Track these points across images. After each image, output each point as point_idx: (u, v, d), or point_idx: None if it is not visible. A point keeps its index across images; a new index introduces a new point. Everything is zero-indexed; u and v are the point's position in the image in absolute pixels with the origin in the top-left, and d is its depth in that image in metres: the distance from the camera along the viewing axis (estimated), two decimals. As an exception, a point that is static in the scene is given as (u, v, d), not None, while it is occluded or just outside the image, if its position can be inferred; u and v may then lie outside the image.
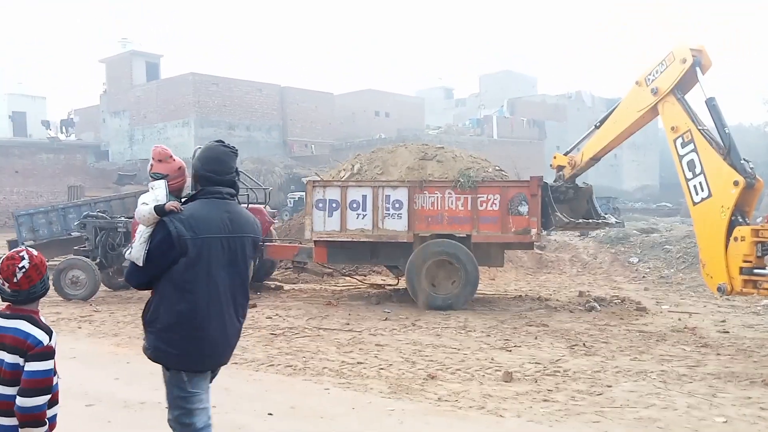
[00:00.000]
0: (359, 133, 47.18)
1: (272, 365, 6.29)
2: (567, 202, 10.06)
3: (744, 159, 7.13)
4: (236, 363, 6.39)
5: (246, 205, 11.17)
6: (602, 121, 9.05)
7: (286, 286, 12.06)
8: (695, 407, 4.98)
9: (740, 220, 6.79)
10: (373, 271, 13.76)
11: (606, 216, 10.82)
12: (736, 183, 6.81)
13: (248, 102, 42.14)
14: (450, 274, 9.71)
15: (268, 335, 7.66)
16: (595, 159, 9.27)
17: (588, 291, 11.53)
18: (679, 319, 8.92)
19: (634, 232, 21.23)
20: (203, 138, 39.17)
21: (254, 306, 9.63)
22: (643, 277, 14.43)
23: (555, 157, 9.91)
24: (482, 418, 4.72)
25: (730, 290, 6.65)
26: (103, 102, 45.79)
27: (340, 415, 4.74)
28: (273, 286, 11.90)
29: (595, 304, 9.79)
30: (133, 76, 44.11)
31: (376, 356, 6.65)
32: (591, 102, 53.39)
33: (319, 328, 8.07)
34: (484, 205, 9.57)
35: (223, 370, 6.10)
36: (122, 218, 11.41)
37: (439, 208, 9.68)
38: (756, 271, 6.39)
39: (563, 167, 9.71)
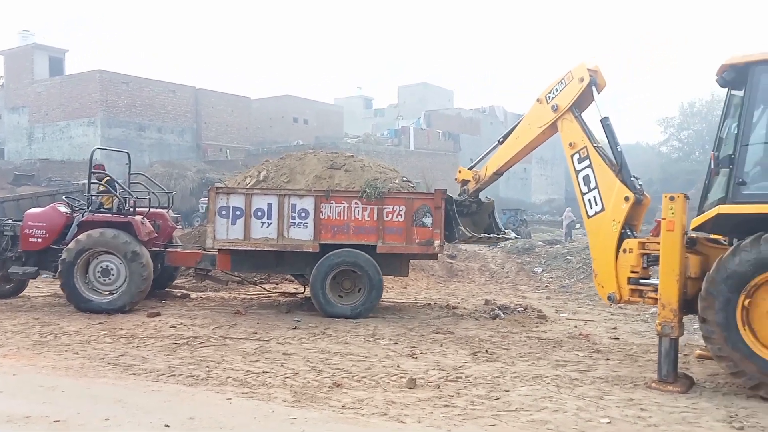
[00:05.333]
0: (276, 139, 46.66)
1: (173, 375, 6.09)
2: (470, 216, 10.36)
3: (634, 176, 7.62)
4: (134, 374, 6.16)
5: (147, 210, 10.81)
6: (505, 137, 9.29)
7: (193, 295, 11.70)
8: (584, 409, 5.28)
9: (629, 233, 7.23)
10: (286, 280, 13.60)
11: (506, 231, 11.28)
12: (626, 198, 7.23)
13: (160, 103, 40.71)
14: (355, 283, 9.80)
15: (171, 345, 7.41)
16: (498, 174, 9.53)
17: (494, 299, 11.93)
18: (575, 327, 9.42)
19: (539, 243, 22.29)
20: (111, 139, 37.47)
21: (157, 314, 9.31)
22: (546, 286, 15.10)
23: (460, 171, 10.15)
24: (384, 424, 4.79)
25: (619, 299, 7.05)
26: (0, 97, 42.75)
27: (241, 425, 4.66)
28: (179, 294, 11.52)
29: (500, 312, 10.17)
30: (34, 70, 41.56)
31: (282, 365, 6.59)
32: (503, 117, 55.54)
33: (226, 338, 7.90)
34: (390, 216, 9.70)
35: (118, 381, 5.90)
36: (9, 221, 10.67)
37: (346, 218, 9.71)
38: (642, 281, 6.81)
39: (468, 181, 9.95)
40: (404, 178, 14.34)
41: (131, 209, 10.29)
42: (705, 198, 6.46)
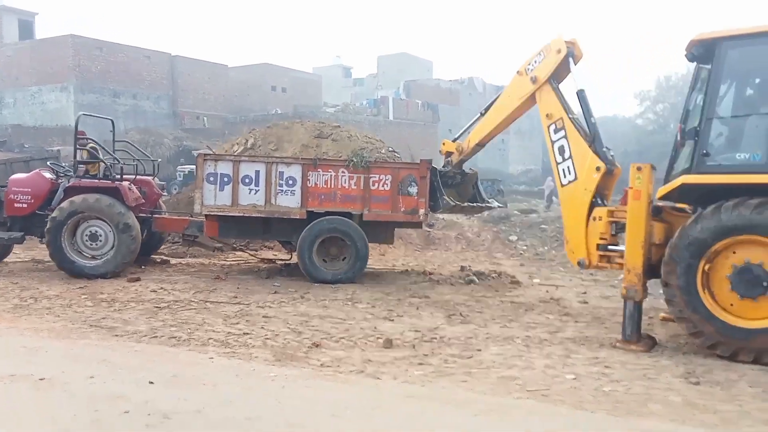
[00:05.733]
0: (254, 108, 46.13)
1: (155, 337, 6.24)
2: (454, 187, 10.55)
3: (606, 147, 7.84)
4: (116, 335, 6.29)
5: (134, 177, 10.81)
6: (487, 109, 9.44)
7: (173, 261, 11.78)
8: (551, 367, 5.56)
9: (599, 202, 7.48)
10: (265, 246, 13.74)
11: (489, 200, 11.51)
12: (598, 169, 7.46)
13: (135, 69, 39.90)
14: (341, 250, 9.97)
15: (152, 308, 7.54)
16: (480, 145, 9.69)
17: (469, 266, 12.19)
18: (547, 291, 9.74)
19: (515, 212, 22.61)
20: (84, 105, 36.71)
21: (138, 279, 9.40)
22: (521, 254, 15.45)
23: (444, 144, 10.30)
24: (361, 380, 5.01)
25: (588, 264, 7.31)
26: (-33, 60, 41.50)
27: (223, 382, 4.84)
28: (159, 260, 11.58)
29: (474, 278, 10.44)
30: (2, 33, 40.29)
31: (262, 327, 6.76)
32: (482, 88, 55.55)
33: (206, 301, 8.04)
34: (376, 185, 9.85)
35: (101, 342, 6.03)
36: None
37: (333, 186, 9.85)
38: (610, 247, 7.09)
39: (452, 153, 10.10)
40: (390, 149, 14.49)
41: (118, 175, 10.30)
42: (671, 168, 6.71)
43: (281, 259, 11.91)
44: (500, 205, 12.06)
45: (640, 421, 4.27)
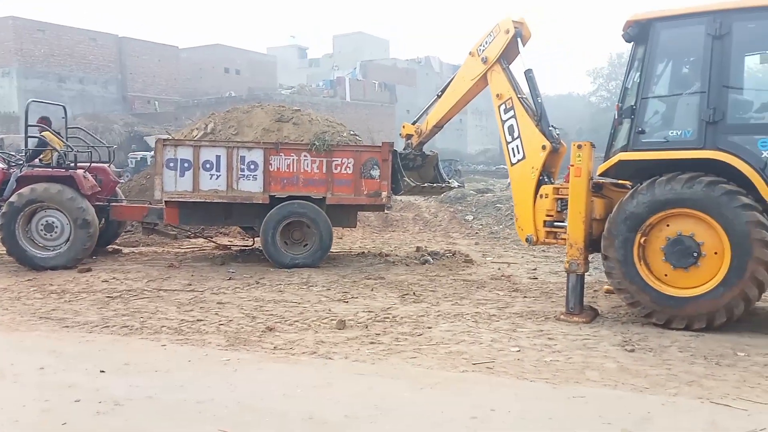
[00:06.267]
0: (208, 91, 45.25)
1: (107, 327, 6.22)
2: (416, 169, 10.68)
3: (552, 126, 8.06)
4: (67, 326, 6.25)
5: (88, 164, 10.60)
6: (443, 90, 9.54)
7: (126, 250, 11.63)
8: (497, 341, 5.78)
9: (546, 180, 7.72)
10: (220, 233, 13.67)
11: (450, 181, 11.69)
12: (543, 147, 7.68)
13: (81, 52, 38.61)
14: (305, 234, 10.03)
15: (104, 298, 7.48)
16: (438, 126, 9.80)
17: (425, 246, 12.43)
18: (499, 269, 10.02)
19: (471, 192, 22.95)
20: (29, 90, 35.38)
21: (89, 270, 9.28)
22: (476, 233, 15.75)
23: (404, 127, 10.39)
24: (313, 361, 5.13)
25: (536, 240, 7.56)
26: None
27: (176, 368, 4.89)
28: (111, 249, 11.42)
29: (429, 258, 10.65)
30: (-64, 15, 38.33)
31: (216, 314, 6.80)
32: (439, 68, 55.73)
33: (159, 290, 8.01)
34: (339, 168, 9.92)
35: (51, 333, 5.98)
36: None
37: (295, 170, 9.88)
38: (556, 223, 7.35)
39: (411, 136, 10.21)
40: (351, 132, 14.50)
41: (72, 163, 10.08)
42: (611, 146, 6.97)
43: (242, 246, 11.89)
44: (459, 185, 12.25)
45: (576, 387, 4.52)
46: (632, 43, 6.78)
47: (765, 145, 5.91)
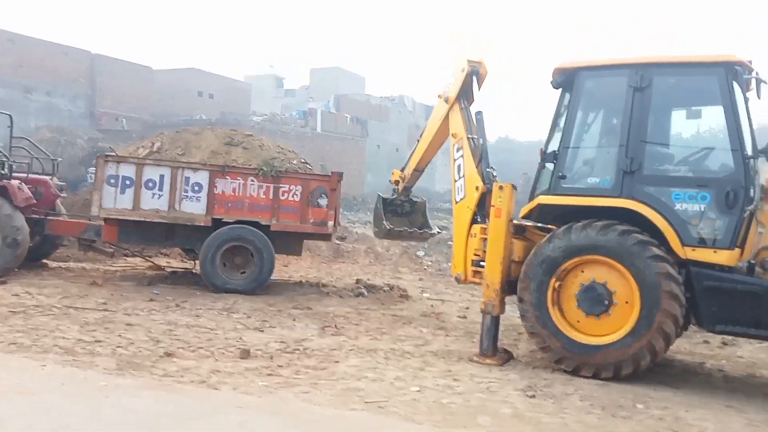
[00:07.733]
0: (179, 112, 44.89)
1: (-6, 343, 5.88)
2: (405, 216, 10.48)
3: (491, 167, 8.05)
4: (-51, 341, 5.89)
5: (26, 176, 10.26)
6: (422, 134, 9.49)
7: (53, 264, 11.22)
8: (401, 379, 5.61)
9: (479, 219, 7.67)
10: (161, 253, 13.33)
11: (434, 229, 11.45)
12: (477, 188, 7.65)
13: (50, 65, 38.10)
14: (247, 259, 9.79)
15: (6, 313, 7.11)
16: (418, 170, 9.55)
17: (367, 279, 12.24)
18: (432, 306, 9.89)
19: (428, 229, 22.95)
20: (-9, 99, 34.66)
21: (4, 282, 8.90)
22: (425, 269, 15.67)
23: (393, 174, 10.24)
24: (196, 390, 4.89)
25: (464, 279, 7.46)
26: None
27: (45, 391, 4.61)
28: (36, 263, 10.99)
29: (364, 291, 10.48)
30: None
31: (120, 336, 6.51)
32: (412, 107, 56.38)
33: (70, 307, 7.67)
34: (286, 195, 9.80)
35: None
36: None
37: (241, 194, 9.74)
38: (481, 263, 7.27)
39: (399, 182, 10.07)
40: (302, 160, 14.40)
41: (7, 173, 9.74)
42: (534, 189, 6.96)
43: (177, 267, 11.57)
44: (439, 231, 12.04)
45: (461, 432, 4.36)
46: (560, 89, 6.85)
47: (679, 197, 5.96)
